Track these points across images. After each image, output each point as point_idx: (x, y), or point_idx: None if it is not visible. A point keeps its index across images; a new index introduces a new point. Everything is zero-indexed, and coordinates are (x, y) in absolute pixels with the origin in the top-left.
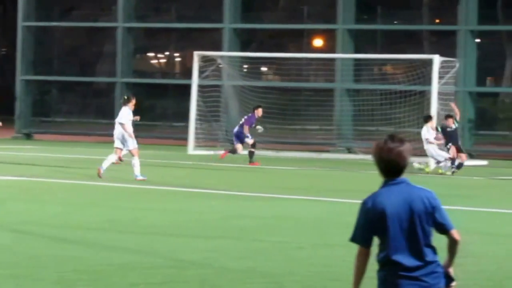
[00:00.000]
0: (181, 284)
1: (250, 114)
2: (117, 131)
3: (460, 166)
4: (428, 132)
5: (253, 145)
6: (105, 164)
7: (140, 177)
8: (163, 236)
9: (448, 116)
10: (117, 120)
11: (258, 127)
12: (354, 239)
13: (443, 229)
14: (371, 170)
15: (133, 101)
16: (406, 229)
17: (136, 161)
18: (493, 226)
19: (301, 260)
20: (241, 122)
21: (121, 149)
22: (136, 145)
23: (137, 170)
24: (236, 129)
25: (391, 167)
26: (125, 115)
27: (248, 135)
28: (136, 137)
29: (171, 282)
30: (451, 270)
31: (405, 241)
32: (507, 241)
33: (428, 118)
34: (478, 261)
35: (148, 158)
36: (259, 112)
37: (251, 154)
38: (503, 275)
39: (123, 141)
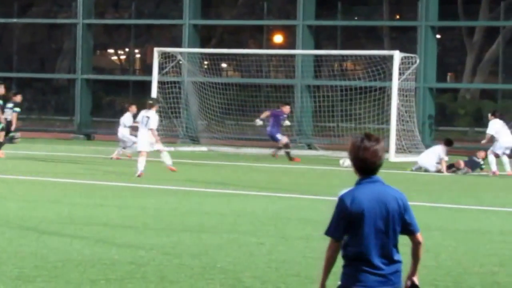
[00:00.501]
0: (140, 280)
1: (277, 110)
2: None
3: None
4: (444, 152)
5: (286, 145)
6: (141, 166)
7: (139, 172)
8: (122, 233)
9: (480, 150)
10: (151, 126)
11: (286, 122)
12: (328, 232)
13: (410, 230)
14: (331, 166)
15: (157, 107)
16: (379, 229)
17: (143, 160)
18: (452, 222)
19: (260, 256)
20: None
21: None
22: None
23: (142, 165)
24: (268, 129)
25: (367, 165)
26: (155, 120)
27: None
28: (96, 133)
29: (130, 278)
30: (416, 279)
31: (376, 240)
32: (466, 237)
33: (449, 142)
34: (437, 256)
35: (108, 154)
36: (286, 109)
37: (278, 149)
38: (462, 271)
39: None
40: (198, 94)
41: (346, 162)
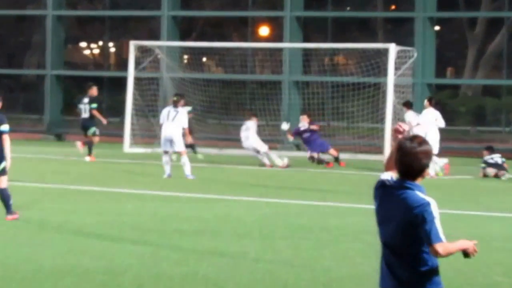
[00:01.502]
0: None
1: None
2: (172, 131)
3: None
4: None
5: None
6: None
7: (191, 176)
8: (97, 239)
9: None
10: (183, 125)
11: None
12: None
13: (427, 242)
14: (321, 168)
15: (182, 102)
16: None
17: (186, 160)
18: (453, 229)
19: (245, 265)
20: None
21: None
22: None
23: (188, 169)
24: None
25: (400, 167)
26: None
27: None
28: (67, 133)
29: None
30: None
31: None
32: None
33: None
34: None
35: (81, 156)
36: (303, 119)
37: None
38: (464, 281)
39: (172, 142)
40: (178, 91)
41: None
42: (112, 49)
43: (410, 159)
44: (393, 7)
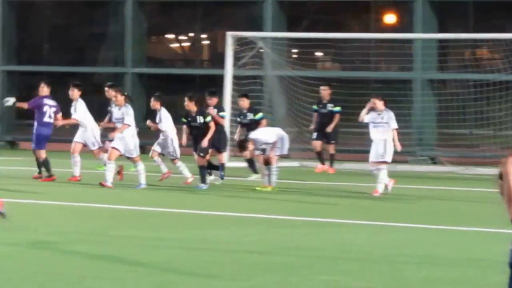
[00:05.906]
0: None
1: None
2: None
3: None
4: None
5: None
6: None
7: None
8: (185, 276)
9: None
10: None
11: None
12: None
13: None
14: (459, 186)
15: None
16: None
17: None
18: None
19: None
20: None
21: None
22: None
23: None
24: None
25: None
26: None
27: None
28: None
29: None
30: None
31: None
32: None
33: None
34: None
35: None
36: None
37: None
38: None
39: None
40: (286, 92)
41: (10, 101)
42: (205, 42)
43: None
44: None
